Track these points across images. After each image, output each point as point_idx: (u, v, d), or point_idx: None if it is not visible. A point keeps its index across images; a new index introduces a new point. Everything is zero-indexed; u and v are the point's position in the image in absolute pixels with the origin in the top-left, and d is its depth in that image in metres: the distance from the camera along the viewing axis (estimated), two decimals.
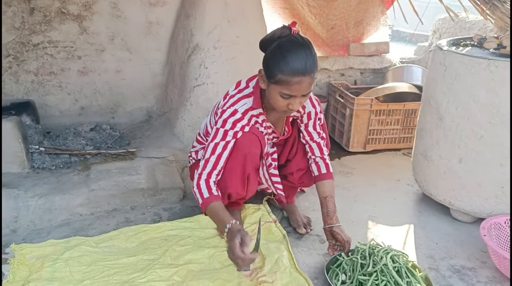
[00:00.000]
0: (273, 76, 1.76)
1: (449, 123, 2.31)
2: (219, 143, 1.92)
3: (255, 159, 2.00)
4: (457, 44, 2.47)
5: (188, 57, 3.12)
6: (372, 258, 1.87)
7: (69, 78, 3.26)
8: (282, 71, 1.72)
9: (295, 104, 1.80)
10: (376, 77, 3.89)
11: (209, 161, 1.91)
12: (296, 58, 1.71)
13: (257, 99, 1.96)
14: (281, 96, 1.79)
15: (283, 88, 1.75)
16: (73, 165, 2.72)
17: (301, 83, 1.73)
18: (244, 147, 1.94)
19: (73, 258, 1.93)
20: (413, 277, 1.82)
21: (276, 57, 1.75)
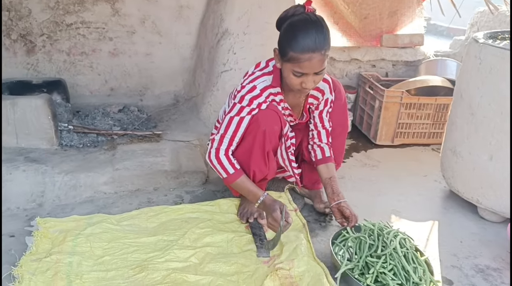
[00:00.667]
0: (285, 54, 1.79)
1: (481, 119, 2.23)
2: (234, 118, 1.96)
3: (274, 137, 2.00)
4: (494, 37, 2.38)
5: (217, 42, 3.11)
6: (381, 240, 1.84)
7: (100, 59, 3.30)
8: (293, 49, 1.75)
9: (308, 82, 1.82)
10: (409, 70, 3.79)
11: (225, 137, 1.97)
12: (306, 35, 1.73)
13: (276, 78, 1.97)
14: (294, 75, 1.81)
15: (295, 66, 1.78)
16: (100, 144, 2.76)
17: (311, 60, 1.75)
18: (264, 123, 1.95)
19: (95, 234, 1.96)
20: (418, 262, 1.80)
21: (287, 35, 1.78)
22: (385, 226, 1.95)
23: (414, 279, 1.73)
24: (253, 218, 2.14)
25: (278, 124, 1.99)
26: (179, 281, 1.71)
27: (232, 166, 1.96)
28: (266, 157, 2.03)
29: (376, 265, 1.74)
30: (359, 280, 1.74)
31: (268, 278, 1.74)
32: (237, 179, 1.97)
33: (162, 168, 2.54)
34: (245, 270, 1.84)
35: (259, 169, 2.04)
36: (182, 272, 1.76)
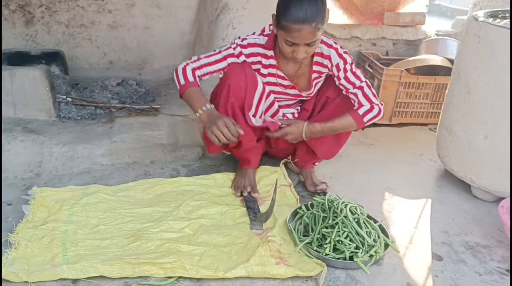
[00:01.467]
0: (279, 22, 1.83)
1: (477, 98, 2.23)
2: (221, 52, 2.04)
3: (239, 92, 2.01)
4: (494, 16, 2.36)
5: (217, 17, 3.09)
6: (332, 211, 1.89)
7: (99, 31, 3.29)
8: (285, 18, 1.79)
9: (299, 52, 1.85)
10: (409, 49, 3.76)
11: (201, 60, 2.04)
12: (298, 6, 1.76)
13: (270, 41, 2.01)
14: (286, 43, 1.85)
15: (286, 35, 1.82)
16: (98, 117, 2.77)
17: (301, 31, 1.78)
18: (230, 78, 2.01)
19: (90, 204, 1.99)
20: (371, 226, 1.88)
21: (282, 4, 1.82)
22: (335, 198, 1.97)
23: (368, 242, 1.81)
24: (247, 192, 2.17)
25: (243, 80, 2.01)
26: (172, 251, 1.74)
27: (193, 76, 1.99)
28: (231, 111, 2.03)
29: (332, 234, 1.80)
30: (318, 251, 1.79)
31: (260, 247, 1.78)
32: (189, 87, 1.98)
33: (159, 141, 2.56)
34: (238, 241, 1.87)
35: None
36: (176, 242, 1.79)
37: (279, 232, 1.92)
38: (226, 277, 1.65)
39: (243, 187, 2.19)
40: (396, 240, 2.03)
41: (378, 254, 1.81)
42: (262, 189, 2.27)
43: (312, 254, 1.80)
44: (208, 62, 2.04)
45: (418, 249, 1.98)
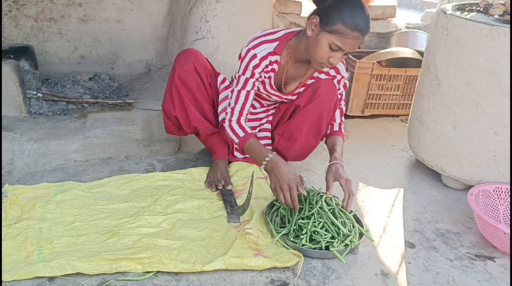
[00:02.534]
0: (331, 24, 1.77)
1: (446, 89, 2.29)
2: (241, 91, 2.04)
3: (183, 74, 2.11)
4: (462, 9, 2.42)
5: (190, 10, 3.07)
6: (308, 202, 1.92)
7: (69, 25, 3.22)
8: (345, 22, 1.75)
9: (337, 59, 1.84)
10: (381, 42, 3.83)
11: (235, 109, 2.05)
12: (362, 15, 1.77)
13: (280, 47, 2.00)
14: (330, 47, 1.81)
15: (337, 39, 1.78)
16: (70, 112, 2.73)
17: (356, 39, 1.78)
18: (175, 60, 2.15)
19: (65, 201, 1.97)
20: (346, 216, 1.93)
21: (341, 8, 1.77)
22: (311, 190, 2.01)
23: (344, 231, 1.85)
24: (221, 185, 2.18)
25: (188, 65, 2.10)
26: (150, 246, 1.73)
27: (243, 130, 2.03)
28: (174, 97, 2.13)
29: (308, 225, 1.84)
30: (295, 242, 1.83)
31: (237, 240, 1.79)
32: (246, 141, 2.01)
33: (134, 136, 2.54)
34: (215, 234, 1.88)
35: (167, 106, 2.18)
36: (153, 237, 1.79)
37: (256, 224, 1.94)
38: (205, 270, 1.66)
39: (216, 181, 2.20)
40: (370, 229, 2.08)
41: (353, 243, 1.85)
42: (238, 181, 2.28)
43: (289, 245, 1.83)
44: (242, 105, 2.05)
45: (391, 237, 2.04)
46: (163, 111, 2.22)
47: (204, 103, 2.18)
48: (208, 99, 2.20)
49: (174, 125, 2.26)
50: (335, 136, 2.18)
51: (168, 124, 2.26)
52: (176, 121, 2.22)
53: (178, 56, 2.15)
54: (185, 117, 2.18)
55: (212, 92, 2.20)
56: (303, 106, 2.12)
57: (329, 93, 2.08)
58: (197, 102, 2.17)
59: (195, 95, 2.15)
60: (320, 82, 2.08)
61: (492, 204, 2.18)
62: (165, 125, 2.28)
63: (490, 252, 2.00)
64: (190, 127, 2.21)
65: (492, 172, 2.27)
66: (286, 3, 3.60)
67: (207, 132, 2.22)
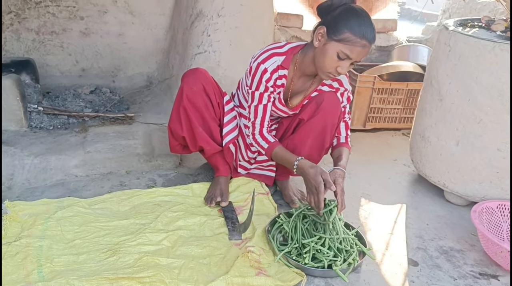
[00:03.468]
0: (339, 33, 1.79)
1: (449, 105, 2.29)
2: (258, 106, 2.05)
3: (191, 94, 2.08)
4: (464, 24, 2.43)
5: (191, 24, 3.07)
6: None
7: (71, 38, 3.23)
8: (353, 30, 1.77)
9: (344, 68, 1.85)
10: (382, 55, 3.84)
11: (256, 123, 2.08)
12: (368, 24, 1.79)
13: (288, 61, 2.00)
14: (338, 56, 1.82)
15: (345, 47, 1.79)
16: (71, 126, 2.72)
17: (364, 48, 1.80)
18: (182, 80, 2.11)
19: (65, 218, 1.95)
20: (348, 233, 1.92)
21: (349, 17, 1.79)
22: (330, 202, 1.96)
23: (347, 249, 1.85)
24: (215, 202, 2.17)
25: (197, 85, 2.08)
26: (151, 264, 1.71)
27: (266, 141, 2.07)
28: (182, 117, 2.11)
29: (311, 243, 1.82)
30: (297, 261, 1.81)
31: (239, 258, 1.78)
32: (272, 151, 2.05)
33: (135, 151, 2.52)
34: (217, 252, 1.86)
35: (174, 127, 2.15)
36: (154, 255, 1.77)
37: (258, 242, 1.92)
38: None
39: (213, 196, 2.19)
40: (372, 246, 2.06)
41: (355, 262, 1.83)
42: (239, 197, 2.27)
43: (292, 264, 1.81)
44: (261, 118, 2.07)
45: (394, 255, 2.02)
46: (169, 131, 2.20)
47: (211, 123, 2.17)
48: (216, 119, 2.19)
49: (180, 145, 2.25)
50: (342, 147, 2.16)
51: (174, 143, 2.24)
52: (182, 141, 2.21)
53: (185, 76, 2.12)
54: (191, 138, 2.17)
55: (219, 111, 2.19)
56: (307, 120, 2.11)
57: (332, 106, 2.08)
58: (204, 122, 2.15)
59: (203, 116, 2.14)
60: (323, 95, 2.08)
61: (495, 221, 2.17)
62: (170, 144, 2.26)
63: (494, 271, 1.98)
64: (196, 146, 2.20)
65: (495, 189, 2.25)
66: (287, 16, 3.61)
67: (212, 151, 2.20)
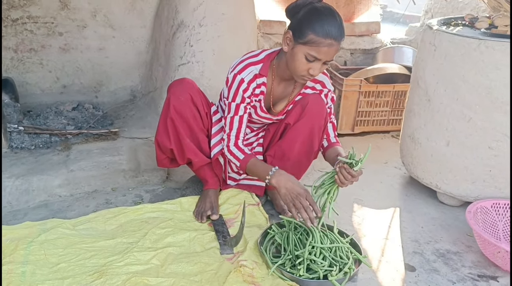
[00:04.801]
0: (303, 36, 1.77)
1: (437, 105, 2.26)
2: (234, 117, 2.00)
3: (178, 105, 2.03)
4: (447, 23, 2.41)
5: (173, 35, 3.03)
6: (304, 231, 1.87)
7: (50, 55, 3.16)
8: (316, 32, 1.74)
9: (316, 69, 1.82)
10: (367, 58, 3.82)
11: (231, 135, 2.02)
12: (331, 21, 1.75)
13: (265, 68, 1.97)
14: (306, 58, 1.79)
15: (312, 49, 1.77)
16: (53, 145, 2.65)
17: (331, 47, 1.76)
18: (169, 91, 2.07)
19: (49, 241, 1.87)
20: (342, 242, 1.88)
21: (311, 18, 1.77)
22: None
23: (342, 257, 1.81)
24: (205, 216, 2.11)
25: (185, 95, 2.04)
26: (140, 285, 1.65)
27: (242, 152, 2.01)
28: (170, 130, 2.05)
29: (303, 254, 1.76)
30: (291, 273, 1.75)
31: (232, 273, 1.72)
32: (246, 163, 1.98)
33: (120, 167, 2.46)
34: (208, 269, 1.79)
35: (161, 139, 2.09)
36: (143, 275, 1.70)
37: (251, 255, 1.87)
38: None
39: (203, 211, 2.13)
40: (368, 253, 2.01)
41: (351, 271, 1.78)
42: (229, 209, 2.21)
43: (286, 276, 1.76)
44: (237, 130, 2.01)
45: (391, 261, 1.97)
46: (156, 144, 2.14)
47: (199, 134, 2.11)
48: (204, 130, 2.13)
49: (167, 158, 2.19)
50: (335, 147, 2.11)
51: (161, 157, 2.18)
52: (170, 154, 2.15)
53: (172, 86, 2.07)
54: (179, 150, 2.11)
55: (207, 122, 2.14)
56: (293, 124, 2.07)
57: (318, 108, 2.04)
58: (192, 134, 2.10)
59: (191, 127, 2.08)
60: (308, 98, 2.04)
61: (490, 220, 2.13)
62: (157, 158, 2.20)
63: (492, 272, 1.94)
64: (184, 159, 2.14)
65: (489, 187, 2.22)
66: (270, 24, 3.58)
67: (201, 163, 2.14)
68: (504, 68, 2.04)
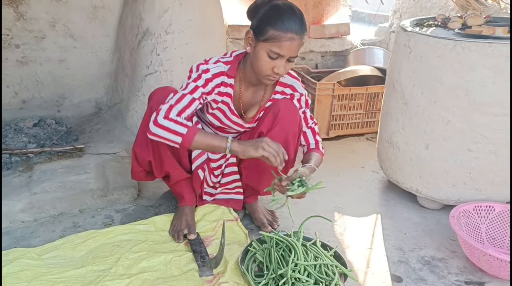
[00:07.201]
0: (264, 33, 1.72)
1: (415, 108, 2.21)
2: (186, 95, 1.80)
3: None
4: (420, 24, 2.37)
5: (138, 43, 2.89)
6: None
7: (7, 69, 2.97)
8: (276, 27, 1.69)
9: (280, 67, 1.75)
10: (338, 60, 3.78)
11: (174, 107, 1.77)
12: (291, 16, 1.70)
13: (233, 69, 1.88)
14: (269, 56, 1.73)
15: (273, 45, 1.71)
16: (13, 166, 2.48)
17: (292, 41, 1.70)
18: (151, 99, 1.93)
19: (11, 274, 1.72)
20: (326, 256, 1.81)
21: (270, 14, 1.72)
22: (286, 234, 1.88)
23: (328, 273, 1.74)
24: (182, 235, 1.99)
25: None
26: None
27: (184, 125, 1.73)
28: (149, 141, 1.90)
29: (287, 273, 1.67)
30: None
31: None
32: (195, 134, 1.73)
33: (87, 187, 2.31)
34: None
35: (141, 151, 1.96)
36: None
37: (232, 276, 1.77)
38: None
39: (179, 230, 2.01)
40: (353, 265, 1.95)
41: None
42: (206, 226, 2.10)
43: None
44: (183, 107, 1.79)
45: (376, 272, 1.91)
46: (133, 155, 2.00)
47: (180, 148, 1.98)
48: None
49: (144, 171, 2.05)
50: (311, 152, 2.01)
51: (137, 169, 2.04)
52: (147, 166, 2.02)
53: (154, 94, 1.94)
54: (158, 162, 1.98)
55: None
56: (266, 133, 1.96)
57: (290, 115, 1.95)
58: (172, 147, 1.91)
59: None
60: (279, 104, 1.94)
61: (473, 223, 2.10)
62: (132, 170, 2.06)
63: (479, 277, 1.90)
64: (162, 172, 2.01)
65: (469, 190, 2.19)
66: (239, 28, 3.50)
67: (178, 177, 2.02)
68: (480, 69, 2.01)
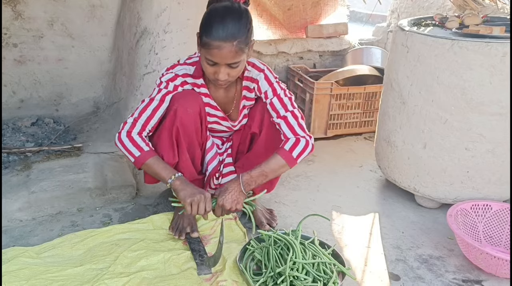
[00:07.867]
0: (200, 39, 1.72)
1: (412, 108, 2.22)
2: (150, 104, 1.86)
3: (186, 117, 1.86)
4: (418, 24, 2.38)
5: (136, 43, 2.89)
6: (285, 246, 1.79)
7: (5, 68, 2.96)
8: (206, 34, 1.68)
9: (221, 73, 1.73)
10: (336, 60, 3.78)
11: (138, 121, 1.84)
12: (220, 23, 1.66)
13: (199, 69, 1.88)
14: (207, 62, 1.73)
15: (207, 53, 1.70)
16: (11, 165, 2.48)
17: (221, 49, 1.66)
18: (177, 103, 1.86)
19: (10, 273, 1.72)
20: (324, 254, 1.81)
21: (204, 21, 1.72)
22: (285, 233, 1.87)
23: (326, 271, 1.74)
24: (184, 233, 1.99)
25: (194, 107, 1.87)
26: None
27: (143, 146, 1.80)
28: (175, 142, 1.89)
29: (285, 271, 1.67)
30: None
31: None
32: (147, 158, 1.78)
33: (85, 185, 2.31)
34: None
35: (167, 153, 1.88)
36: None
37: (230, 274, 1.77)
38: None
39: (181, 228, 2.01)
40: (351, 263, 1.95)
41: (336, 285, 1.71)
42: (205, 225, 2.11)
43: None
44: (149, 116, 1.84)
45: (374, 271, 1.92)
46: None
47: (196, 149, 1.97)
48: (201, 144, 2.01)
49: None
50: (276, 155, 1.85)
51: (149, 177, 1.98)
52: None
53: (179, 98, 1.87)
54: (174, 164, 1.94)
55: (205, 136, 2.03)
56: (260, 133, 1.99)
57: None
58: (190, 147, 1.94)
59: (192, 141, 1.93)
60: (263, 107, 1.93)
61: (470, 222, 2.11)
62: (146, 175, 2.01)
63: (476, 275, 1.91)
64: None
65: (467, 189, 2.20)
66: None
67: (190, 178, 1.97)
68: (478, 68, 2.02)
